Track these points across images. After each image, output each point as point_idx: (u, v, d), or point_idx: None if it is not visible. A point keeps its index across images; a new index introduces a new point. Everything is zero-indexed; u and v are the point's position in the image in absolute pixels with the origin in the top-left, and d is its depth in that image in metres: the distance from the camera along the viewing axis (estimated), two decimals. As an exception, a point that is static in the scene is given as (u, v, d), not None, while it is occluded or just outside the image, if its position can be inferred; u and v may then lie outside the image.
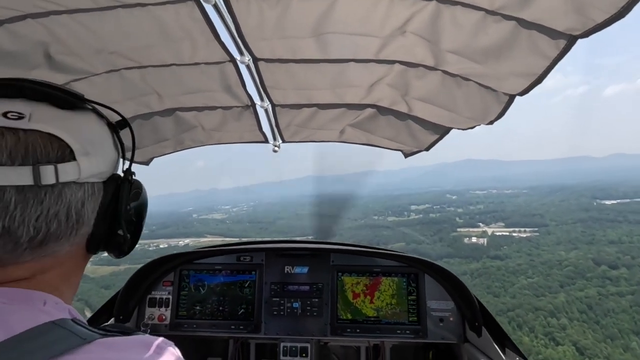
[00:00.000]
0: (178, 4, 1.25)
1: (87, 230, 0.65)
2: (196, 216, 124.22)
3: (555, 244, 61.98)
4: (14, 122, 0.55)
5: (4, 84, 0.59)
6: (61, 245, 0.61)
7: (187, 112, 2.09)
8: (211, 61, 1.62)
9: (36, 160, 0.55)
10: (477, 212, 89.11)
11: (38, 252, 0.58)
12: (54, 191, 0.56)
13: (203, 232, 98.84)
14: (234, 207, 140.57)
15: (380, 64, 1.62)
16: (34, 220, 0.55)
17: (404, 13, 1.25)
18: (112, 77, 1.67)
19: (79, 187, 0.60)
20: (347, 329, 2.08)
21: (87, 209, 0.62)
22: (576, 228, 66.65)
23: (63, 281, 0.65)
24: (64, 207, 0.58)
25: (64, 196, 0.58)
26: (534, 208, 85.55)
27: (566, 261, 50.61)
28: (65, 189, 0.58)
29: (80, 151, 0.59)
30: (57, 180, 0.56)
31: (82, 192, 0.61)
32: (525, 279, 47.94)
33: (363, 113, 2.12)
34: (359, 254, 2.20)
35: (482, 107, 1.65)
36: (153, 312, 2.11)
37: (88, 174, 0.61)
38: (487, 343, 1.83)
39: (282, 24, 1.35)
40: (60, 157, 0.57)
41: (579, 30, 1.06)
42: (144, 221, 0.81)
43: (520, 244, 63.89)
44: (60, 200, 0.57)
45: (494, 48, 1.28)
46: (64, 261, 0.64)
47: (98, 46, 1.45)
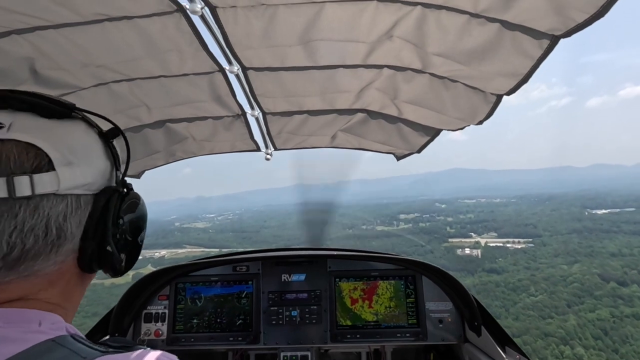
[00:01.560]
0: (164, 15, 1.26)
1: (73, 247, 0.60)
2: (178, 225, 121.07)
3: (553, 255, 59.34)
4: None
5: None
6: (43, 263, 0.56)
7: (177, 123, 2.08)
8: (200, 72, 1.62)
9: (10, 171, 0.51)
10: (468, 221, 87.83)
11: (16, 270, 0.54)
12: (29, 204, 0.52)
13: (182, 243, 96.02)
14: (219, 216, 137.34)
15: (368, 69, 1.64)
16: (7, 235, 0.51)
17: (389, 18, 1.27)
18: (100, 91, 1.65)
19: (60, 200, 0.56)
20: (347, 335, 2.06)
21: (71, 224, 0.58)
22: (572, 239, 64.60)
23: (62, 300, 0.62)
24: (41, 221, 0.54)
25: (41, 209, 0.54)
26: (525, 218, 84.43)
27: (570, 277, 46.29)
28: (44, 202, 0.54)
29: (61, 161, 0.55)
30: (32, 191, 0.52)
31: (63, 205, 0.56)
32: (528, 297, 43.69)
33: (354, 118, 2.13)
34: (355, 259, 2.20)
35: (470, 107, 1.68)
36: (149, 328, 2.07)
37: (70, 185, 0.56)
38: (487, 342, 1.84)
39: (269, 33, 1.36)
40: (36, 167, 0.53)
41: (560, 30, 1.09)
42: (141, 236, 0.75)
43: (516, 256, 61.04)
44: (36, 214, 0.53)
45: (479, 50, 1.30)
46: (56, 280, 0.60)
47: (85, 60, 1.44)
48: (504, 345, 1.77)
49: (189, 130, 2.15)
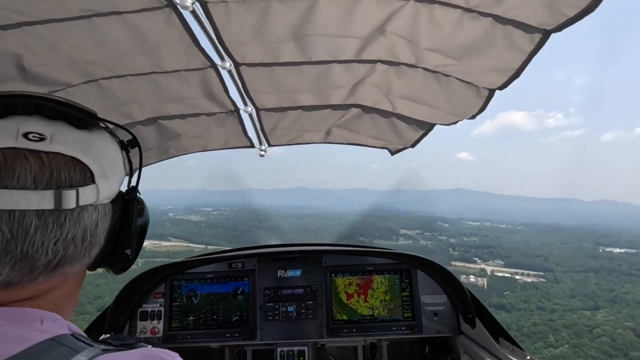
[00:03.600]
0: (154, 11, 1.23)
1: (97, 251, 0.64)
2: (172, 215, 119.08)
3: (569, 296, 52.84)
4: (35, 144, 0.54)
5: (19, 102, 0.57)
6: (74, 267, 0.60)
7: (170, 120, 2.05)
8: (192, 68, 1.60)
9: (60, 185, 0.54)
10: (472, 244, 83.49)
11: (52, 274, 0.57)
12: (73, 215, 0.56)
13: (168, 235, 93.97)
14: (215, 210, 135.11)
15: (362, 64, 1.63)
16: (52, 244, 0.54)
17: (382, 13, 1.27)
18: (90, 88, 1.63)
19: (94, 209, 0.60)
20: (343, 330, 2.08)
21: (100, 230, 0.62)
22: (589, 278, 58.56)
23: (66, 299, 0.64)
24: (80, 230, 0.57)
25: (81, 219, 0.57)
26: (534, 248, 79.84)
27: (598, 328, 36.85)
28: (83, 212, 0.58)
29: (100, 174, 0.59)
30: (77, 204, 0.55)
31: (96, 213, 0.60)
32: (546, 347, 34.40)
33: (347, 113, 2.13)
34: (350, 254, 2.21)
35: (463, 102, 1.69)
36: (145, 326, 2.06)
37: (105, 196, 0.61)
38: (481, 334, 1.86)
39: (262, 28, 1.35)
40: (82, 181, 0.57)
41: (552, 24, 1.10)
42: (145, 237, 0.80)
43: (527, 292, 54.80)
44: (78, 224, 0.57)
45: (472, 44, 1.31)
46: (70, 279, 0.64)
47: (73, 56, 1.41)
48: (498, 336, 1.80)
49: (181, 127, 2.13)
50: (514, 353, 1.66)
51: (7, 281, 0.54)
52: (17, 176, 0.52)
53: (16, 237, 0.52)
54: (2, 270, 0.52)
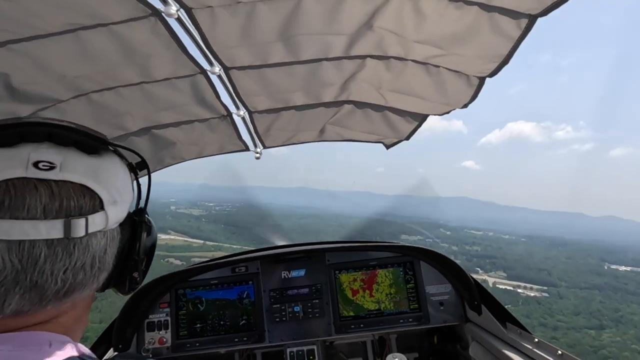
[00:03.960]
0: (140, 20, 1.23)
1: (106, 275, 0.64)
2: (174, 208, 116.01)
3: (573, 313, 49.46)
4: (45, 173, 0.54)
5: (31, 130, 0.57)
6: (83, 293, 0.61)
7: (163, 129, 2.04)
8: (181, 75, 1.60)
9: (69, 213, 0.55)
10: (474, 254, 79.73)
11: (61, 301, 0.58)
12: (82, 242, 0.56)
13: (167, 228, 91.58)
14: (217, 205, 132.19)
15: (351, 60, 1.63)
16: (62, 273, 0.55)
17: (368, 8, 1.27)
18: (80, 102, 1.62)
19: (103, 235, 0.60)
20: (351, 326, 2.08)
21: (108, 255, 0.62)
22: (594, 296, 54.87)
23: (75, 322, 0.65)
24: (89, 257, 0.58)
25: (90, 246, 0.58)
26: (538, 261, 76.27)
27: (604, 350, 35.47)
28: (92, 239, 0.58)
29: (109, 201, 0.60)
30: (86, 232, 0.56)
31: (105, 239, 0.61)
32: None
33: (341, 110, 2.13)
34: (353, 250, 2.21)
35: (455, 91, 1.69)
36: (153, 337, 2.06)
37: (114, 222, 0.62)
38: (488, 320, 1.88)
39: (249, 31, 1.34)
40: (91, 208, 0.58)
41: (537, 9, 1.10)
42: (153, 257, 0.81)
43: (530, 307, 51.41)
44: (87, 251, 0.57)
45: (459, 34, 1.31)
46: (79, 304, 0.64)
47: (61, 71, 1.40)
48: (505, 321, 1.81)
49: (175, 135, 2.12)
50: (521, 337, 1.67)
51: (17, 310, 0.54)
52: (27, 207, 0.52)
53: (26, 267, 0.52)
54: (11, 299, 0.52)
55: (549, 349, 1.48)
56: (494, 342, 1.79)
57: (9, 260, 0.51)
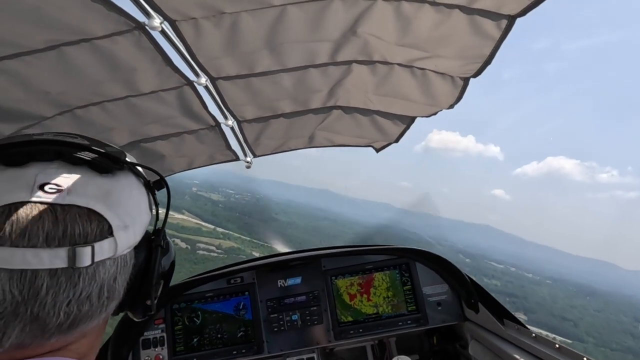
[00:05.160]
0: (123, 34, 1.22)
1: (117, 303, 0.60)
2: (195, 190, 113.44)
3: None
4: (50, 197, 0.50)
5: (40, 148, 0.53)
6: (90, 324, 0.56)
7: (151, 142, 2.03)
8: (167, 87, 1.59)
9: (74, 242, 0.51)
10: (494, 288, 71.86)
11: (65, 334, 0.53)
12: (88, 272, 0.52)
13: (182, 208, 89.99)
14: (237, 194, 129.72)
15: (337, 66, 1.65)
16: (65, 305, 0.50)
17: (351, 14, 1.29)
18: (65, 119, 1.59)
19: (112, 263, 0.55)
20: (350, 331, 2.07)
21: (119, 283, 0.57)
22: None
23: (89, 349, 0.61)
24: (96, 287, 0.53)
25: (97, 275, 0.53)
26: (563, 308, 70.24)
27: None
28: (100, 268, 0.53)
29: (119, 226, 0.55)
30: (92, 261, 0.51)
31: (115, 266, 0.56)
32: None
33: (329, 116, 2.14)
34: (348, 255, 2.21)
35: (440, 93, 1.72)
36: (149, 354, 2.02)
37: (125, 248, 0.57)
38: (486, 318, 1.89)
39: (234, 41, 1.35)
40: (97, 235, 0.53)
41: (515, 10, 1.13)
42: (170, 280, 0.75)
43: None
44: (93, 281, 0.53)
45: (441, 36, 1.34)
46: (91, 332, 0.60)
47: (45, 88, 1.39)
48: (502, 318, 1.83)
49: (164, 148, 2.11)
50: (519, 333, 1.68)
51: (18, 344, 0.50)
52: (28, 234, 0.48)
53: (26, 299, 0.48)
54: (11, 333, 0.49)
55: (546, 343, 1.49)
56: (492, 339, 1.80)
57: (9, 292, 0.47)
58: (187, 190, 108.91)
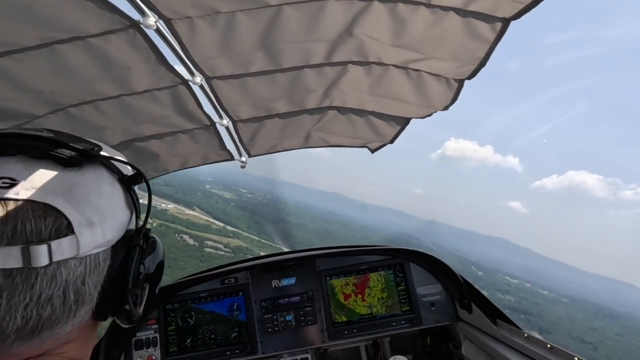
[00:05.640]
0: (118, 32, 1.21)
1: (91, 307, 0.56)
2: (208, 187, 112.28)
3: None
4: (3, 191, 0.47)
5: (1, 142, 0.50)
6: (59, 329, 0.52)
7: (145, 141, 2.01)
8: (162, 86, 1.58)
9: (26, 240, 0.47)
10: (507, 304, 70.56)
11: (30, 341, 0.50)
12: (46, 272, 0.48)
13: (194, 204, 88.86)
14: (249, 193, 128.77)
15: (333, 67, 1.65)
16: (21, 309, 0.46)
17: (347, 15, 1.29)
18: (58, 118, 1.58)
19: (78, 263, 0.51)
20: (344, 331, 2.07)
21: (89, 285, 0.53)
22: None
23: (79, 353, 0.58)
24: (58, 289, 0.49)
25: (59, 276, 0.49)
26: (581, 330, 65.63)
27: None
28: (62, 269, 0.49)
29: (82, 222, 0.51)
30: (50, 260, 0.47)
31: (82, 267, 0.52)
32: None
33: (324, 116, 2.14)
34: (343, 255, 2.21)
35: (435, 94, 1.73)
36: (141, 355, 2.00)
37: (91, 247, 0.52)
38: (479, 318, 1.90)
39: (229, 40, 1.34)
40: (54, 233, 0.49)
41: (510, 13, 1.15)
42: (158, 286, 0.70)
43: None
44: (54, 282, 0.48)
45: (437, 38, 1.34)
46: (74, 338, 0.56)
47: (37, 87, 1.37)
48: (495, 318, 1.84)
49: (158, 147, 2.09)
50: (512, 333, 1.70)
51: None
52: None
53: None
54: None
55: (539, 343, 1.50)
56: (485, 339, 1.81)
57: None
58: (200, 187, 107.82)
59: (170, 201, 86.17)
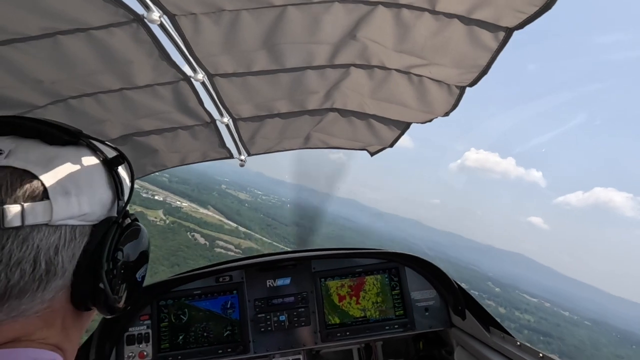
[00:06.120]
0: (121, 26, 1.21)
1: (64, 283, 0.55)
2: (224, 187, 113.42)
3: None
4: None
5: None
6: (29, 302, 0.52)
7: (144, 136, 2.01)
8: (164, 81, 1.58)
9: (0, 200, 0.49)
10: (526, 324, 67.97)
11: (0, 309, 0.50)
12: (18, 235, 0.49)
13: (208, 203, 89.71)
14: (264, 195, 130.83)
15: (335, 69, 1.65)
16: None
17: (351, 19, 1.29)
18: (58, 109, 1.57)
19: (52, 231, 0.52)
20: (337, 334, 2.07)
21: (62, 257, 0.53)
22: None
23: (61, 340, 0.57)
24: (29, 254, 0.50)
25: (30, 240, 0.50)
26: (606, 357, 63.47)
27: None
28: (34, 233, 0.50)
29: (56, 189, 0.52)
30: (22, 222, 0.49)
31: (56, 236, 0.52)
32: None
33: (325, 117, 2.15)
34: (338, 257, 2.21)
35: (436, 100, 1.74)
36: (133, 350, 1.99)
37: (65, 216, 0.53)
38: (472, 325, 1.90)
39: (233, 38, 1.34)
40: (29, 196, 0.50)
41: (513, 23, 1.15)
42: (141, 272, 0.69)
43: None
44: (25, 246, 0.49)
45: (440, 45, 1.35)
46: (51, 320, 0.56)
47: (38, 77, 1.36)
48: (488, 325, 1.84)
49: (157, 143, 2.09)
50: (505, 341, 1.70)
51: None
52: None
53: None
54: None
55: (531, 352, 1.51)
56: (478, 346, 1.82)
57: None
58: (215, 187, 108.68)
59: (185, 199, 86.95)
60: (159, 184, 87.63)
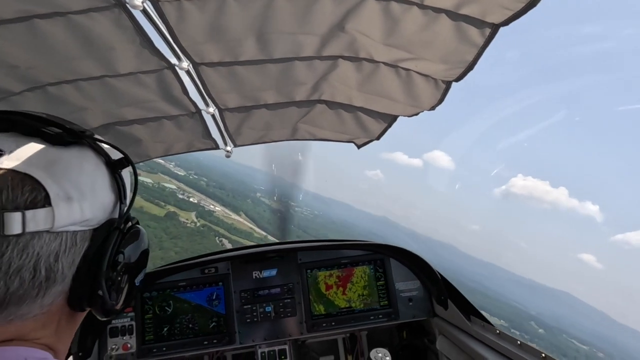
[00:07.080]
0: (102, 11, 1.17)
1: (63, 289, 0.54)
2: (258, 195, 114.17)
3: None
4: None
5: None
6: (28, 308, 0.51)
7: (127, 125, 1.95)
8: (147, 70, 1.53)
9: (1, 206, 0.47)
10: None
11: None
12: (18, 242, 0.47)
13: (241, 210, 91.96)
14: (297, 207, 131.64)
15: (323, 61, 1.64)
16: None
17: (340, 10, 1.28)
18: (35, 96, 1.51)
19: (53, 238, 0.51)
20: (323, 324, 2.10)
21: (62, 264, 0.52)
22: None
23: (54, 341, 0.56)
24: (29, 262, 0.48)
25: (30, 248, 0.48)
26: None
27: None
28: (34, 240, 0.49)
29: (59, 195, 0.50)
30: (23, 229, 0.47)
31: (56, 243, 0.51)
32: None
33: (312, 109, 2.14)
34: (324, 249, 2.23)
35: (423, 94, 1.75)
36: (116, 342, 1.97)
37: (66, 222, 0.51)
38: (454, 314, 1.96)
39: (219, 26, 1.31)
40: (30, 202, 0.48)
41: (499, 19, 1.17)
42: (139, 277, 0.69)
43: None
44: (25, 254, 0.48)
45: (427, 39, 1.36)
46: (46, 322, 0.55)
47: (13, 62, 1.31)
48: (469, 314, 1.90)
49: (140, 133, 2.04)
50: (484, 329, 1.76)
51: None
52: None
53: None
54: None
55: (509, 339, 1.57)
56: (459, 335, 1.88)
57: None
58: (250, 195, 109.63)
59: (218, 203, 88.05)
60: (196, 187, 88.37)
